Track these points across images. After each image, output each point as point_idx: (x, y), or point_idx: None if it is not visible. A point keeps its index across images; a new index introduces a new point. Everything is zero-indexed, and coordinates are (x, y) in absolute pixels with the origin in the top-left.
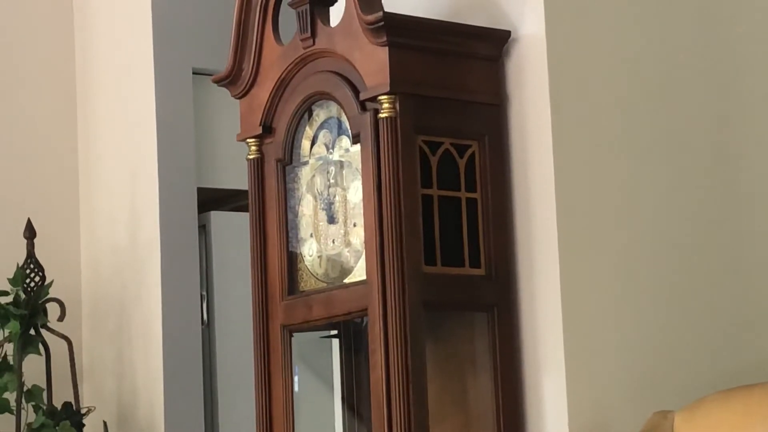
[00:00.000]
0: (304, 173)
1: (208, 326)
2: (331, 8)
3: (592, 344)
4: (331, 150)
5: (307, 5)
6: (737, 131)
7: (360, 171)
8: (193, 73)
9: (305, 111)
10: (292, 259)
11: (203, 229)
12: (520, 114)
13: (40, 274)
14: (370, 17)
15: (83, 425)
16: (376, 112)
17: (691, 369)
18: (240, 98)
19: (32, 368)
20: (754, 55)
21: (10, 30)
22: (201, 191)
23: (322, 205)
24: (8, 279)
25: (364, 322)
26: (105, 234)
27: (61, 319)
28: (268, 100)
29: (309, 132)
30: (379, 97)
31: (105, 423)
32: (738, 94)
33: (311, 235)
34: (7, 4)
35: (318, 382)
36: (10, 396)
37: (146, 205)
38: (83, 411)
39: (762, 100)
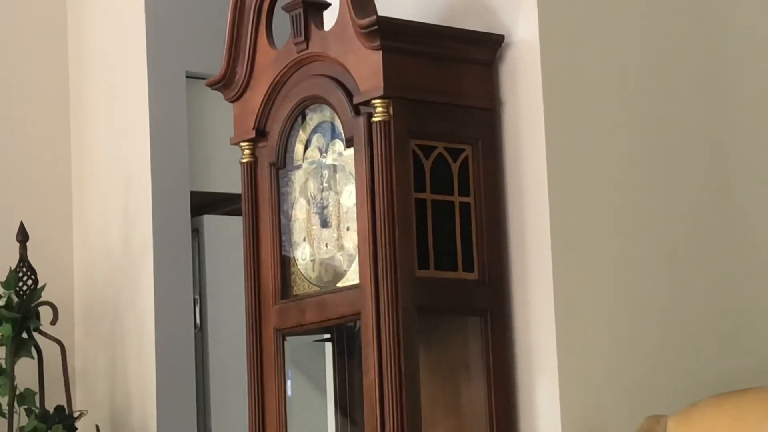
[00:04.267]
0: (298, 177)
1: (201, 330)
2: (325, 12)
3: (585, 348)
4: (324, 154)
5: (301, 9)
6: (732, 136)
7: (353, 175)
8: (187, 76)
9: (299, 115)
10: (285, 263)
11: (196, 232)
12: (513, 118)
13: (33, 277)
14: (364, 21)
15: (76, 429)
16: (370, 116)
17: (684, 373)
18: (233, 102)
19: (25, 372)
20: (749, 61)
21: (2, 33)
22: (194, 195)
23: (316, 209)
24: (1, 282)
25: (357, 326)
26: (98, 237)
27: (53, 322)
28: (261, 104)
29: (302, 136)
30: (373, 101)
31: (97, 427)
32: (733, 99)
33: (304, 239)
34: (0, 9)
35: (311, 387)
36: (3, 399)
37: (139, 209)
38: (76, 415)
39: (757, 106)
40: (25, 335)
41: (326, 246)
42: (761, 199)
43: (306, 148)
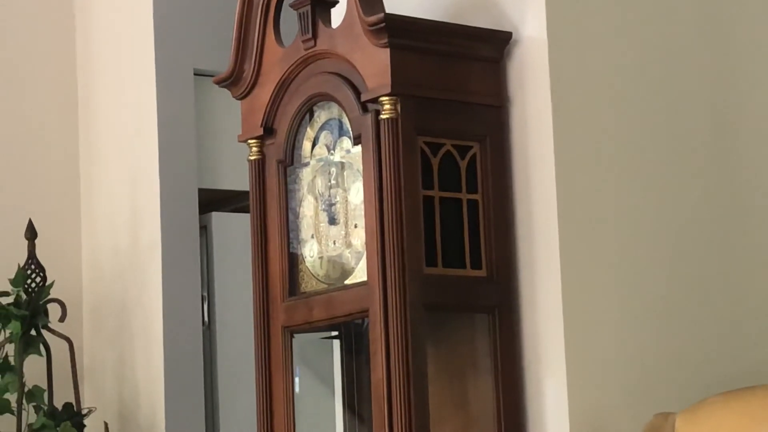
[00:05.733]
0: (305, 174)
1: (209, 327)
2: (333, 9)
3: (593, 346)
4: (332, 151)
5: (309, 6)
6: (738, 134)
7: (361, 172)
8: (195, 74)
9: (306, 112)
10: (293, 260)
11: (204, 230)
12: (521, 115)
13: (41, 274)
14: (372, 18)
15: (84, 426)
16: (378, 113)
17: (692, 371)
18: (241, 99)
19: (33, 369)
20: (754, 58)
21: (11, 31)
22: (202, 192)
23: (323, 206)
24: (9, 280)
25: (365, 324)
26: (106, 235)
27: (62, 319)
28: (269, 101)
29: (310, 133)
30: (381, 99)
31: (106, 424)
32: (739, 96)
33: (312, 236)
34: (8, 5)
35: (319, 384)
36: (11, 397)
37: (147, 206)
38: (84, 412)
39: (762, 103)
40: (33, 332)
41: (334, 243)
42: None
43: (314, 145)
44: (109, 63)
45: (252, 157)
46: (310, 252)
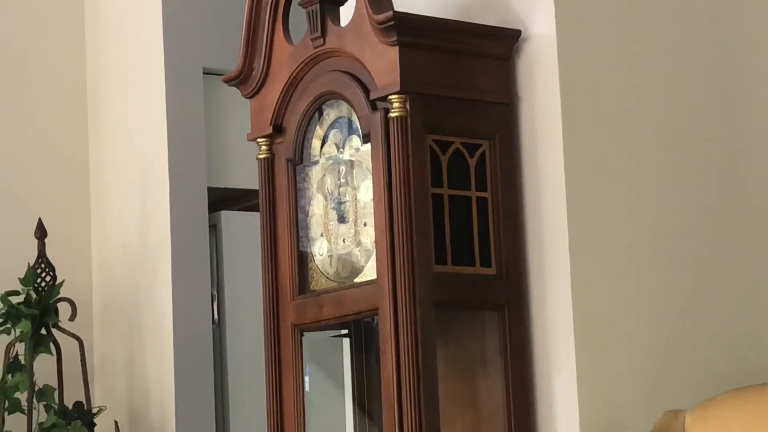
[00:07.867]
0: (315, 173)
1: (218, 326)
2: (342, 8)
3: (603, 343)
4: (341, 149)
5: (318, 5)
6: (748, 130)
7: (370, 170)
8: (204, 72)
9: (316, 110)
10: (303, 259)
11: (214, 228)
12: (530, 113)
13: (51, 273)
14: (381, 17)
15: (94, 425)
16: (387, 111)
17: (702, 368)
18: (250, 98)
19: (43, 368)
20: (766, 56)
21: (20, 31)
22: (211, 191)
23: (333, 205)
24: (19, 279)
25: (375, 322)
26: (116, 233)
27: (72, 318)
28: (278, 100)
29: (319, 131)
30: (390, 97)
31: (116, 422)
32: (748, 93)
33: (322, 235)
34: (19, 5)
35: (329, 382)
36: (22, 396)
37: (157, 205)
38: (94, 410)
39: None
40: (43, 331)
41: (343, 241)
42: None
43: (323, 143)
44: (119, 62)
45: (261, 156)
46: (320, 250)
